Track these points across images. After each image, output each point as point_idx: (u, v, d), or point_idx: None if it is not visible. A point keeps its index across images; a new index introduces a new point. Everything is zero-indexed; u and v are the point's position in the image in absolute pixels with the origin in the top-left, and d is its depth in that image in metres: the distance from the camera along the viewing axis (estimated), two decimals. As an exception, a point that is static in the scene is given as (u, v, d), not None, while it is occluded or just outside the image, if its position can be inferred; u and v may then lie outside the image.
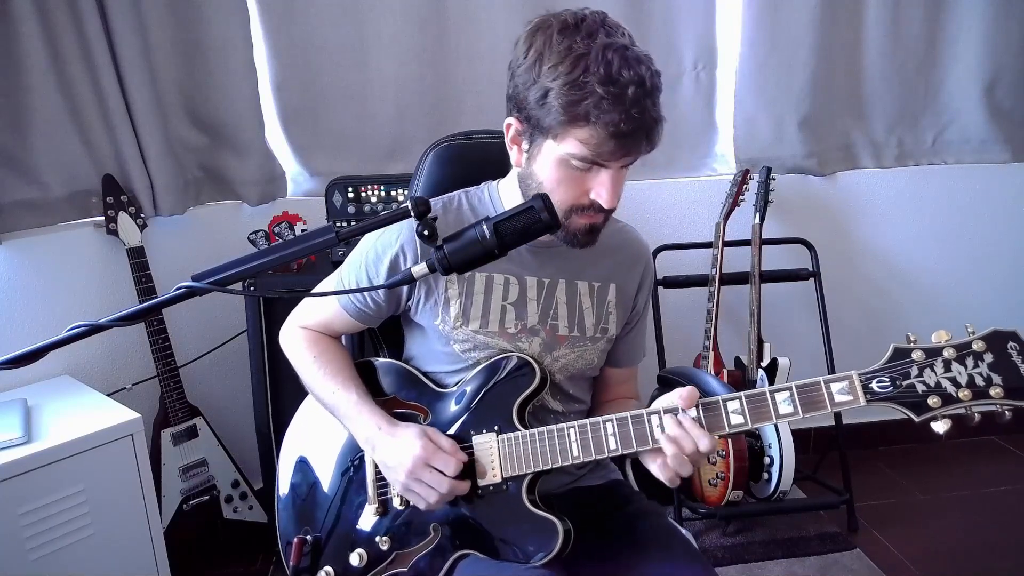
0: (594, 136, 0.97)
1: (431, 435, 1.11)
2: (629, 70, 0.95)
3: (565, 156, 1.01)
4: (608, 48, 0.96)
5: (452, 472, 1.07)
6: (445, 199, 1.20)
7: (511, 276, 1.17)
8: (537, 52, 1.00)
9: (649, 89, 0.96)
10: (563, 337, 1.20)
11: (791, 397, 0.96)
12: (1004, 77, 2.52)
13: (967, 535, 2.25)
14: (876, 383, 0.93)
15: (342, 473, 1.23)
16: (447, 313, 1.17)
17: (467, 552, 1.11)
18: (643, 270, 1.28)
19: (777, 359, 2.26)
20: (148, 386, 2.07)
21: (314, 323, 1.26)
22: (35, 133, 1.93)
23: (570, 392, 1.24)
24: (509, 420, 1.11)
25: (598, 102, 0.94)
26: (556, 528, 1.06)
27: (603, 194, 1.02)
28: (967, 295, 2.72)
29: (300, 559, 1.19)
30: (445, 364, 1.20)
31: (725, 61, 2.45)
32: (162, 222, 2.12)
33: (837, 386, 0.94)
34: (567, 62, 0.96)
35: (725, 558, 2.15)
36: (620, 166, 1.02)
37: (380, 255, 1.16)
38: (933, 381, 0.91)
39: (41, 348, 0.80)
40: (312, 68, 2.23)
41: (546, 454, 1.07)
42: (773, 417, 0.97)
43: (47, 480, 1.58)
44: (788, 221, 2.51)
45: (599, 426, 1.06)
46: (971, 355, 0.90)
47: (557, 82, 0.97)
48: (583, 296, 1.21)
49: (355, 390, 1.18)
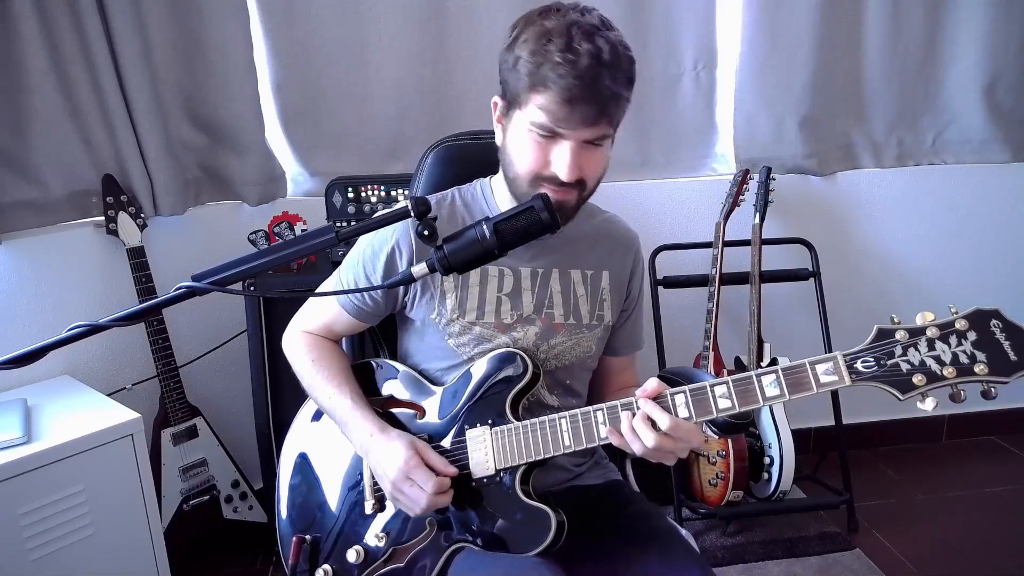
0: (550, 102, 1.01)
1: (419, 449, 1.12)
2: (589, 43, 1.00)
3: (528, 125, 1.05)
4: (575, 24, 1.02)
5: (431, 490, 1.08)
6: (438, 196, 1.23)
7: (505, 268, 1.20)
8: (518, 31, 1.07)
9: (607, 62, 1.00)
10: (559, 325, 1.22)
11: (777, 379, 0.96)
12: (1004, 77, 2.52)
13: (967, 535, 2.25)
14: (861, 363, 0.93)
15: (341, 473, 1.24)
16: (443, 306, 1.19)
17: (463, 544, 1.12)
18: (633, 257, 1.31)
19: (777, 359, 2.26)
20: (148, 386, 2.07)
21: (316, 327, 1.28)
22: (35, 133, 1.93)
23: (568, 383, 1.26)
24: (502, 413, 1.13)
25: (554, 66, 1.00)
26: (549, 518, 1.07)
27: (561, 165, 1.05)
28: (967, 295, 2.70)
29: (299, 558, 1.20)
30: (440, 360, 1.22)
31: (725, 61, 2.45)
32: (162, 222, 2.12)
33: (822, 367, 0.95)
34: (536, 34, 1.03)
35: (725, 558, 2.15)
36: (580, 139, 1.05)
37: (376, 252, 1.19)
38: (917, 360, 0.91)
39: (41, 348, 0.80)
40: (312, 68, 2.23)
41: (538, 444, 1.09)
42: (760, 399, 0.97)
43: (47, 480, 1.58)
44: (788, 221, 2.51)
45: (589, 415, 1.07)
46: (954, 333, 0.90)
47: (524, 50, 1.04)
48: (577, 284, 1.23)
49: (350, 394, 1.20)
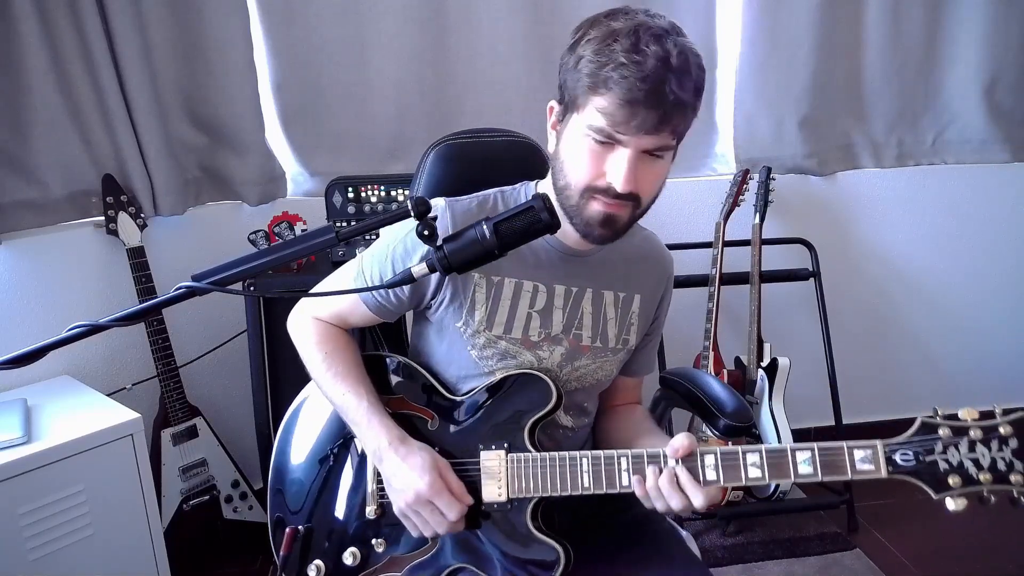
0: (611, 103, 0.96)
1: (442, 471, 1.07)
2: (658, 45, 0.95)
3: (585, 129, 1.00)
4: (642, 25, 0.97)
5: (454, 518, 1.04)
6: (480, 198, 1.16)
7: (540, 283, 1.15)
8: (583, 32, 1.02)
9: (674, 67, 0.95)
10: (586, 348, 1.18)
11: (812, 458, 0.95)
12: (1004, 77, 2.52)
13: (967, 535, 2.25)
14: (900, 456, 0.92)
15: (339, 469, 1.20)
16: (471, 317, 1.14)
17: (463, 566, 1.10)
18: (667, 281, 1.28)
19: (777, 359, 2.26)
20: (148, 386, 2.07)
21: (328, 314, 1.21)
22: (35, 133, 1.93)
23: (583, 405, 1.23)
24: (520, 439, 1.09)
25: (618, 67, 0.95)
26: (557, 554, 1.05)
27: (617, 174, 0.99)
28: (967, 295, 2.72)
29: (291, 549, 1.16)
30: (458, 368, 1.17)
31: (725, 61, 2.45)
32: (162, 222, 2.12)
33: (860, 453, 0.93)
34: (602, 34, 0.98)
35: (725, 558, 2.15)
36: (639, 147, 0.99)
37: (409, 251, 1.12)
38: (956, 460, 0.91)
39: (41, 348, 0.79)
40: (312, 68, 2.23)
41: (555, 480, 1.05)
42: (791, 475, 0.96)
43: (47, 480, 1.57)
44: (788, 221, 2.51)
45: (613, 460, 1.03)
46: (997, 438, 0.90)
47: (588, 49, 0.98)
48: (608, 306, 1.19)
49: (366, 395, 1.13)
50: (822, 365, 2.38)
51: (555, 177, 1.08)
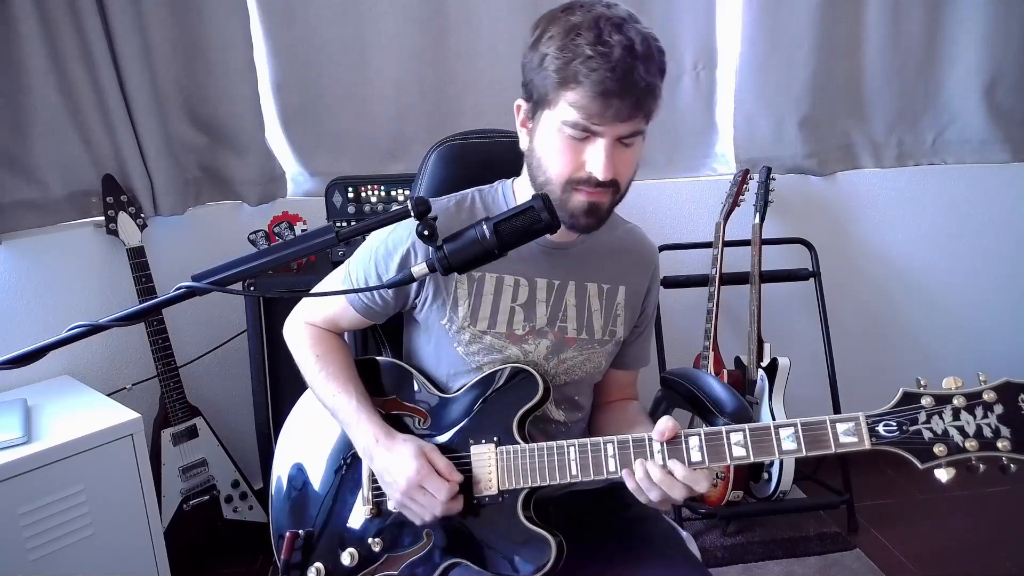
0: (583, 96, 0.98)
1: (428, 454, 1.09)
2: (620, 34, 0.96)
3: (560, 124, 1.01)
4: (603, 17, 0.98)
5: (445, 498, 1.05)
6: (458, 197, 1.19)
7: (521, 277, 1.16)
8: (542, 30, 1.03)
9: (639, 53, 0.97)
10: (572, 340, 1.19)
11: (795, 434, 0.95)
12: (1004, 77, 2.52)
13: (967, 535, 2.25)
14: (883, 427, 0.92)
15: (336, 471, 1.21)
16: (455, 313, 1.15)
17: (459, 560, 1.11)
18: (652, 272, 1.28)
19: (777, 359, 2.26)
20: (148, 386, 2.07)
21: (320, 319, 1.24)
22: (35, 133, 1.93)
23: (575, 399, 1.23)
24: (509, 432, 1.10)
25: (585, 60, 0.96)
26: (549, 544, 1.05)
27: (597, 164, 1.01)
28: (967, 295, 2.72)
29: (292, 553, 1.17)
30: (447, 366, 1.19)
31: (725, 61, 2.45)
32: (162, 222, 2.12)
33: (843, 426, 0.93)
34: (563, 30, 0.99)
35: (725, 558, 2.15)
36: (615, 136, 1.01)
37: (391, 251, 1.14)
38: (940, 429, 0.90)
39: (41, 348, 0.79)
40: (312, 68, 2.23)
41: (544, 470, 1.06)
42: (776, 452, 0.96)
43: (47, 480, 1.57)
44: (788, 221, 2.51)
45: (599, 447, 1.04)
46: (981, 405, 0.89)
47: (552, 47, 1.00)
48: (592, 298, 1.20)
49: (355, 395, 1.16)
50: (822, 365, 2.38)
51: (532, 173, 1.10)
